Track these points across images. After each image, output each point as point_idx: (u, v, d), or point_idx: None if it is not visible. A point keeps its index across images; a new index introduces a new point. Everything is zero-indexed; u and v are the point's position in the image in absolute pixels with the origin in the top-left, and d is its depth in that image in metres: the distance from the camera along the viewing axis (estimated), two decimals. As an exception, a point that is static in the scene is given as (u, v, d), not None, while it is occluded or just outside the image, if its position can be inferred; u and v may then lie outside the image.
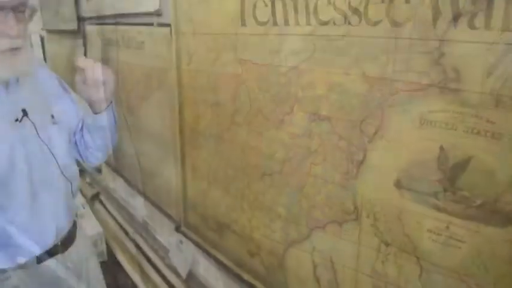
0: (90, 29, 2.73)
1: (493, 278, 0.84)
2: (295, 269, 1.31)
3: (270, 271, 1.42)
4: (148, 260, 2.31)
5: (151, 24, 1.92)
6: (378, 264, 1.05)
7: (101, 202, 3.01)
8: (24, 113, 0.95)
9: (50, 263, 1.02)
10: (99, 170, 3.12)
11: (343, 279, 1.15)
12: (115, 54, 2.47)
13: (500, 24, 0.73)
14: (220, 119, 1.53)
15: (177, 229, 2.02)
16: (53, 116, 1.03)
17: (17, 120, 0.93)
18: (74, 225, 1.11)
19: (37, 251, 0.99)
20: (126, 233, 2.58)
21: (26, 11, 0.89)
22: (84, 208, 2.76)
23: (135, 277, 2.17)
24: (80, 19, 2.86)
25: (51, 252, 1.02)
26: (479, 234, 0.84)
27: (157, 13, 1.85)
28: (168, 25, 1.73)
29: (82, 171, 3.07)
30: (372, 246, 1.05)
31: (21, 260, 0.97)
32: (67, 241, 1.06)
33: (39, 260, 1.00)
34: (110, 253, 2.59)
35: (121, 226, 2.67)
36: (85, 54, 3.03)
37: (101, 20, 2.55)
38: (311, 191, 1.19)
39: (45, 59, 3.52)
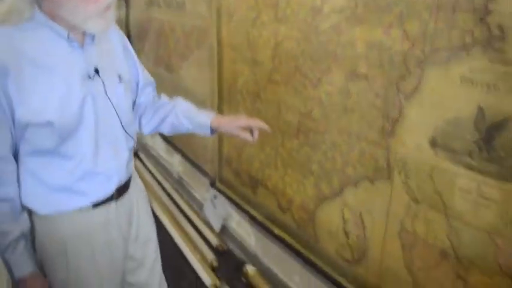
0: (133, -14, 2.77)
1: (521, 237, 0.85)
2: (325, 224, 1.35)
3: (301, 226, 1.47)
4: (184, 214, 2.40)
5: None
6: (407, 221, 1.07)
7: (140, 159, 3.12)
8: (96, 71, 1.02)
9: (104, 207, 1.10)
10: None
11: (372, 235, 1.19)
12: (156, 13, 2.51)
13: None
14: (258, 77, 1.55)
15: (212, 184, 2.09)
16: (119, 76, 1.09)
17: (89, 77, 1.01)
18: (130, 176, 1.19)
19: (95, 197, 1.08)
20: (163, 189, 2.68)
21: None
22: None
23: (172, 231, 2.26)
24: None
25: (106, 199, 1.10)
26: (510, 194, 0.85)
27: (199, -28, 1.87)
28: (210, -16, 1.75)
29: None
30: (402, 203, 1.07)
31: (80, 203, 1.06)
32: (122, 190, 1.14)
33: (96, 205, 1.08)
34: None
35: (158, 182, 2.77)
36: (127, 14, 3.09)
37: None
38: (345, 148, 1.22)
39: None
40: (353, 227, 1.25)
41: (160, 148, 2.96)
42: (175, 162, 2.73)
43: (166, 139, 2.77)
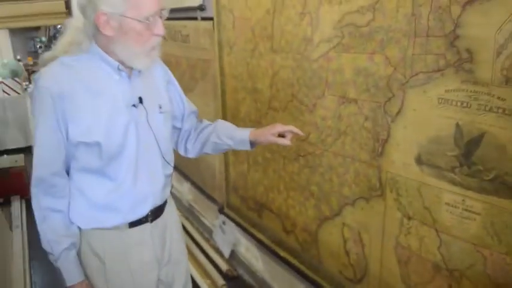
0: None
1: (505, 248, 0.89)
2: (327, 244, 1.40)
3: (304, 247, 1.52)
4: (194, 241, 2.45)
5: (195, 18, 2.05)
6: (401, 237, 1.12)
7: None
8: (140, 100, 1.12)
9: (140, 228, 1.17)
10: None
11: (370, 252, 1.23)
12: (163, 46, 2.63)
13: (508, 7, 0.79)
14: (259, 105, 1.63)
15: (220, 211, 2.15)
16: (160, 106, 1.18)
17: (134, 105, 1.10)
18: (165, 201, 1.27)
19: (131, 217, 1.15)
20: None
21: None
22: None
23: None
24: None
25: (141, 219, 1.17)
26: (492, 206, 0.90)
27: (201, 8, 1.98)
28: (211, 18, 1.86)
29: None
30: (396, 219, 1.12)
31: (117, 221, 1.14)
32: (157, 212, 1.21)
33: (132, 224, 1.16)
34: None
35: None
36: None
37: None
38: (341, 169, 1.28)
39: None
40: (353, 246, 1.29)
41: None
42: (185, 191, 2.80)
43: (176, 168, 2.84)
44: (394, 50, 1.02)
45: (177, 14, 2.23)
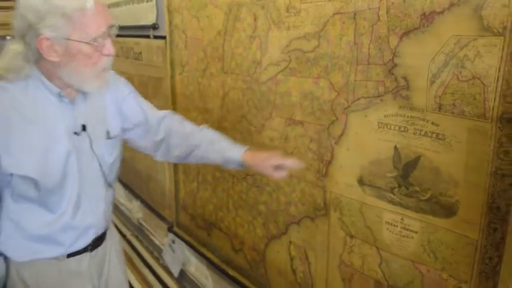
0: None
1: (440, 264, 0.94)
2: (274, 262, 1.42)
3: (253, 266, 1.53)
4: (144, 260, 2.41)
5: (148, 36, 2.05)
6: (345, 255, 1.15)
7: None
8: (83, 128, 1.05)
9: (79, 257, 1.11)
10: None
11: (316, 271, 1.26)
12: (115, 63, 2.59)
13: (441, 39, 0.85)
14: (209, 124, 1.63)
15: (170, 229, 2.12)
16: (108, 132, 1.12)
17: (75, 133, 1.03)
18: (107, 227, 1.21)
19: (71, 248, 1.09)
20: (123, 236, 2.68)
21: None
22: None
23: (131, 278, 2.26)
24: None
25: (81, 250, 1.11)
26: (429, 225, 0.95)
27: (154, 26, 1.98)
28: (164, 37, 1.87)
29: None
30: (339, 238, 1.16)
31: (56, 253, 1.07)
32: (98, 241, 1.16)
33: (70, 255, 1.09)
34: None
35: (118, 229, 2.76)
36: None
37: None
38: (288, 189, 1.31)
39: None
40: (299, 264, 1.31)
41: (119, 194, 2.97)
42: (135, 209, 2.74)
43: (125, 185, 2.79)
44: (338, 76, 1.07)
45: (130, 32, 2.21)
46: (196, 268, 2.00)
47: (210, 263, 1.79)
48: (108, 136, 1.12)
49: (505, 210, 0.83)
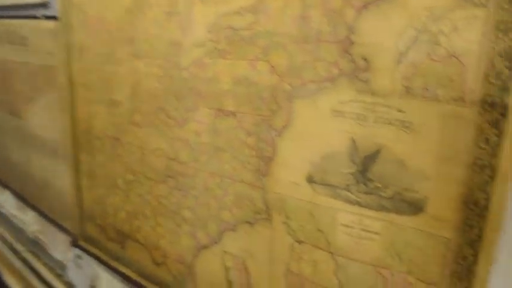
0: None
1: (406, 267, 0.84)
2: (206, 275, 1.23)
3: (179, 280, 1.33)
4: (43, 280, 2.09)
5: (36, 17, 1.73)
6: (292, 263, 1.01)
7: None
8: None
9: None
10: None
11: (257, 282, 1.10)
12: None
13: (410, 11, 0.72)
14: (117, 119, 1.40)
15: (74, 243, 1.84)
16: None
17: None
18: None
19: None
20: (16, 253, 2.32)
21: None
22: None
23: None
24: None
25: None
26: (392, 225, 0.84)
27: (44, 4, 1.67)
28: (56, 18, 1.57)
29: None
30: (285, 245, 1.01)
31: None
32: None
33: None
34: (-5, 277, 2.32)
35: (9, 245, 2.40)
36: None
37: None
38: (219, 191, 1.13)
39: None
40: (236, 276, 1.15)
41: (10, 204, 2.57)
42: (30, 220, 2.38)
43: (17, 193, 2.41)
44: (280, 57, 0.91)
45: (12, 12, 1.87)
46: (109, 284, 1.74)
47: (126, 279, 1.56)
48: None
49: (483, 205, 0.73)
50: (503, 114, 0.67)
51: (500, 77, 0.66)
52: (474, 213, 0.74)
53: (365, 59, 0.79)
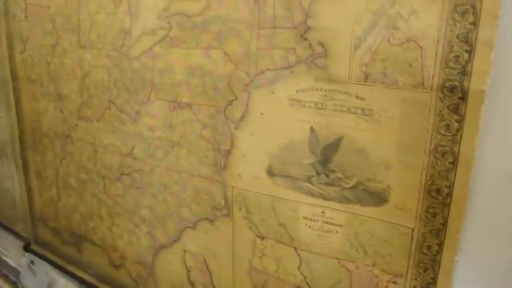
0: None
1: (371, 260, 0.81)
2: (167, 276, 1.18)
3: (140, 282, 1.27)
4: (-6, 287, 1.98)
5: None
6: (255, 260, 0.97)
7: None
8: None
9: None
10: None
11: (220, 281, 1.06)
12: None
13: (363, -7, 0.69)
14: (66, 114, 1.32)
15: (27, 248, 1.74)
16: None
17: None
18: None
19: None
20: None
21: None
22: None
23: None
24: None
25: None
26: (355, 216, 0.81)
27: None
28: (-8, 6, 1.46)
29: None
30: (247, 241, 0.97)
31: None
32: None
33: None
34: None
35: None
36: None
37: None
38: (177, 188, 1.07)
39: None
40: (198, 275, 1.10)
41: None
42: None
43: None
44: (235, 44, 0.86)
45: None
46: (66, 290, 1.66)
47: (83, 283, 1.48)
48: None
49: (446, 193, 0.71)
50: (463, 99, 0.65)
51: (459, 60, 0.64)
52: (437, 202, 0.72)
53: (322, 45, 0.75)
